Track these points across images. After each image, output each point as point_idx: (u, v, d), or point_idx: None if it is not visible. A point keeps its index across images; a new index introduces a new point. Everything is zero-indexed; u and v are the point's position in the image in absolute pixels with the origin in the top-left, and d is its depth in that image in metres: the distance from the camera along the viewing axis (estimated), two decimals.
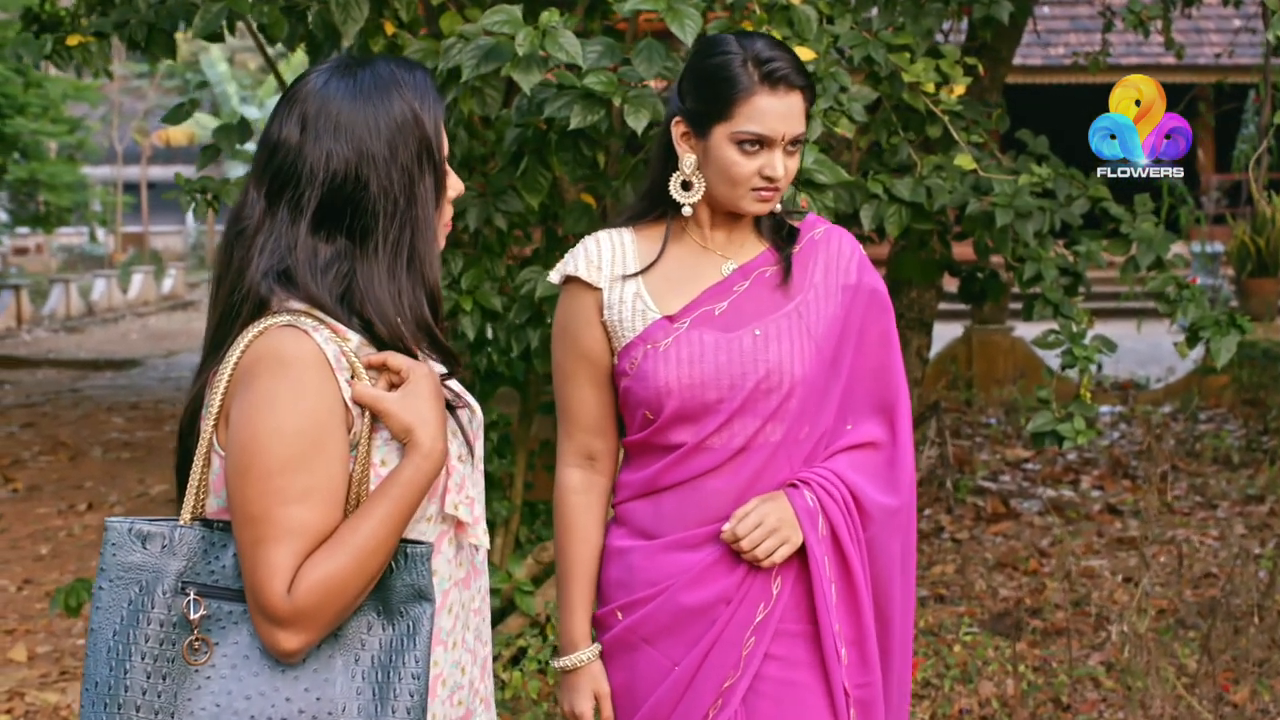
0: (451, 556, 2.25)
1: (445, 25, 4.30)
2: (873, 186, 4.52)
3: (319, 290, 2.14)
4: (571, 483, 2.88)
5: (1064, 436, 4.68)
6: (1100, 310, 16.60)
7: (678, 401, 2.73)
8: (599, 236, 2.86)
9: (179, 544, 2.11)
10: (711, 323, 2.77)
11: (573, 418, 2.88)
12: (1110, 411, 11.54)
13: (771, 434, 2.76)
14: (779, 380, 2.74)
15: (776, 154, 2.73)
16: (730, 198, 2.77)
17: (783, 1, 4.14)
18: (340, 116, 2.17)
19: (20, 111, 25.05)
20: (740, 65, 2.72)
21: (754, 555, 2.72)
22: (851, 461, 2.82)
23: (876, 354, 2.87)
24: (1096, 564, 7.21)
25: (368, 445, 2.11)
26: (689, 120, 2.78)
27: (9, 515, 8.89)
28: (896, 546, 2.86)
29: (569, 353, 2.86)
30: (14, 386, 15.12)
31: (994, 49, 5.93)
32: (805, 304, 2.81)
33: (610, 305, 2.81)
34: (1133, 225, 4.96)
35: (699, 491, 2.77)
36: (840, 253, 2.88)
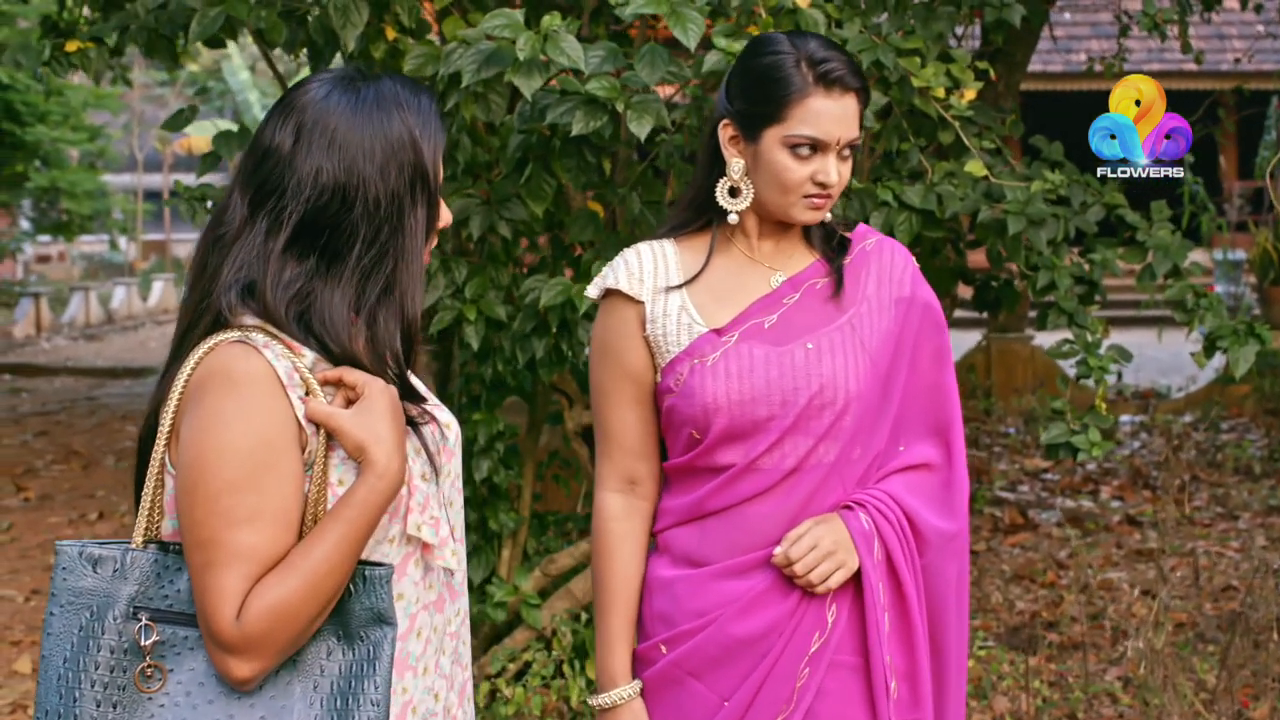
0: (419, 579, 2.16)
1: (447, 30, 4.23)
2: (882, 193, 4.44)
3: (275, 306, 2.06)
4: (611, 509, 2.74)
5: (1079, 448, 4.58)
6: (1120, 318, 16.55)
7: (727, 419, 2.60)
8: (639, 248, 2.74)
9: (131, 568, 2.04)
10: (761, 336, 2.64)
11: (613, 439, 2.74)
12: (1131, 421, 11.43)
13: (825, 454, 2.62)
14: (833, 396, 2.61)
15: (830, 159, 2.61)
16: (780, 205, 2.64)
17: (789, 5, 4.06)
18: (336, 131, 2.09)
19: (41, 119, 25.11)
20: (793, 65, 2.60)
21: (808, 580, 2.58)
22: (906, 483, 2.68)
23: (930, 372, 2.74)
24: (1115, 576, 7.11)
25: (324, 464, 2.04)
26: (738, 123, 2.66)
27: (19, 524, 8.84)
28: (953, 573, 2.72)
29: (609, 370, 2.72)
30: (31, 394, 15.10)
31: (1009, 54, 5.86)
32: (858, 317, 2.68)
33: (653, 319, 2.68)
34: (1149, 233, 4.87)
35: (748, 516, 2.63)
36: (893, 264, 2.76)
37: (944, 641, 2.71)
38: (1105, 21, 20.09)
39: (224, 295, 2.06)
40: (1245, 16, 18.44)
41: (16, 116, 24.59)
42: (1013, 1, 4.73)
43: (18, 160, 25.19)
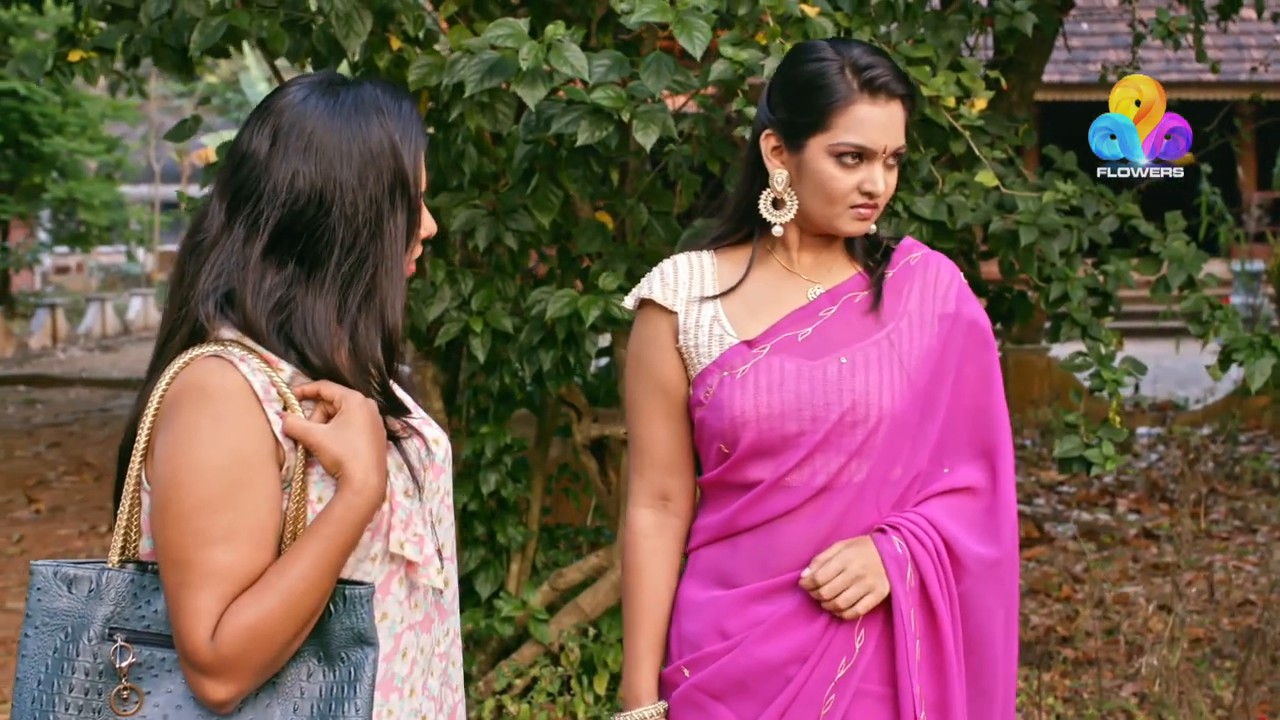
0: (404, 598, 2.11)
1: (453, 39, 4.19)
2: (892, 204, 4.38)
3: (256, 316, 2.01)
4: (643, 525, 2.67)
5: (1092, 463, 4.52)
6: (1137, 330, 16.42)
7: (755, 433, 2.52)
8: (676, 259, 2.68)
9: (106, 588, 1.99)
10: (793, 349, 2.57)
11: (646, 454, 2.68)
12: (1148, 433, 11.36)
13: (855, 473, 2.54)
14: (865, 413, 2.53)
15: (877, 168, 2.53)
16: (826, 216, 2.57)
17: (798, 14, 4.01)
18: (313, 135, 2.04)
19: (59, 131, 25.18)
20: (837, 72, 2.53)
21: (835, 605, 2.50)
22: (946, 507, 2.59)
23: (977, 392, 2.64)
24: (1131, 591, 7.04)
25: (303, 481, 1.99)
26: (780, 132, 2.59)
27: (30, 536, 8.81)
28: (998, 604, 2.61)
29: (642, 383, 2.67)
30: (45, 405, 15.10)
31: (1022, 63, 5.80)
32: (898, 332, 2.60)
33: (686, 330, 2.62)
34: (1164, 244, 4.81)
35: (778, 536, 2.55)
36: (939, 279, 2.67)
37: (990, 675, 2.62)
38: (1122, 31, 20.01)
39: (202, 305, 2.02)
40: (1263, 26, 18.35)
41: (34, 128, 24.66)
42: (1024, 10, 4.67)
43: (35, 172, 25.27)
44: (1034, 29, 5.02)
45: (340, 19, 3.91)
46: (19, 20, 21.00)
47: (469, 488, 5.30)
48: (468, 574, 5.42)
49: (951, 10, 4.86)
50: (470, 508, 5.35)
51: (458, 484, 5.28)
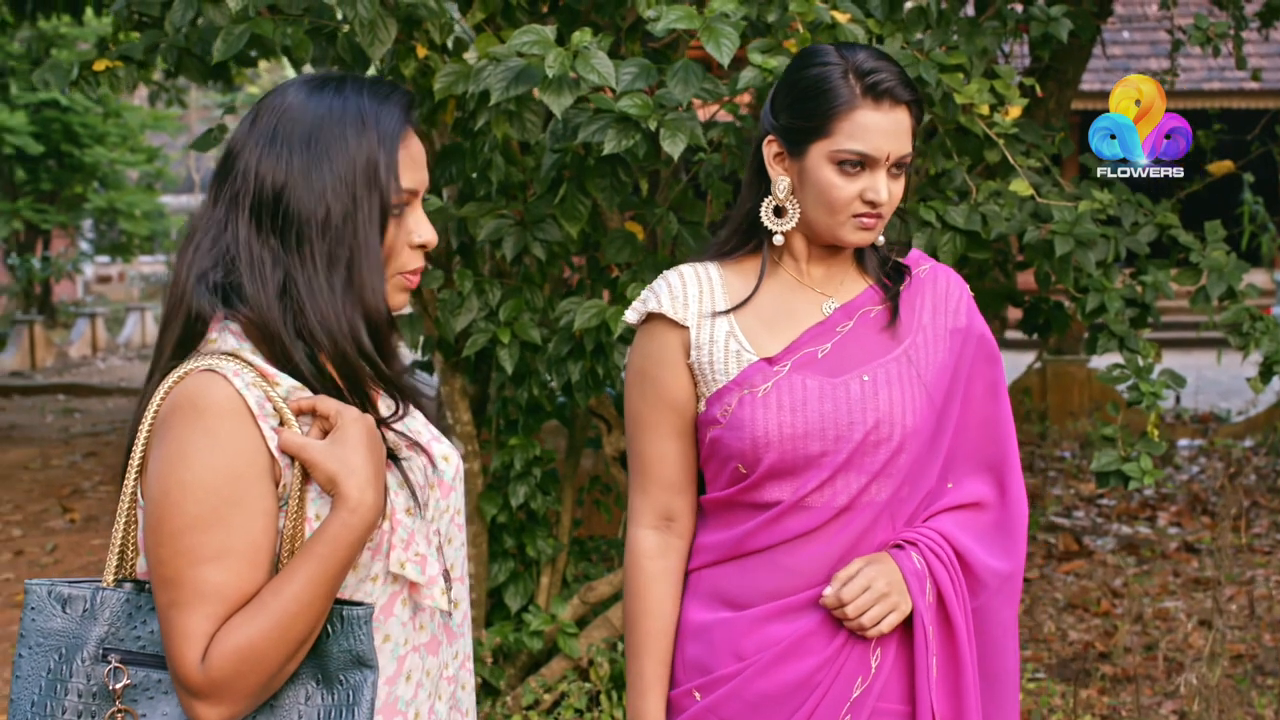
0: (407, 619, 2.04)
1: (480, 47, 4.14)
2: (925, 214, 4.31)
3: (261, 299, 1.97)
4: (646, 547, 2.59)
5: (1130, 477, 4.43)
6: (1179, 340, 16.31)
7: (777, 454, 2.46)
8: (682, 270, 2.60)
9: (101, 607, 1.95)
10: (815, 366, 2.50)
11: (650, 473, 2.59)
12: (1189, 445, 11.22)
13: (878, 493, 2.49)
14: (889, 432, 2.47)
15: (880, 176, 2.46)
16: (828, 226, 2.50)
17: (828, 20, 3.94)
18: (297, 126, 2.01)
19: (100, 141, 25.33)
20: (841, 77, 2.47)
21: (859, 624, 2.44)
22: (957, 521, 2.54)
23: (984, 406, 2.60)
24: (1171, 605, 6.94)
25: (300, 498, 1.93)
26: (783, 139, 2.53)
27: (63, 546, 8.81)
28: (1009, 617, 2.58)
29: (649, 400, 2.58)
30: (83, 415, 15.13)
31: (1059, 71, 5.72)
32: (915, 347, 2.54)
33: (699, 345, 2.54)
34: (1203, 253, 4.72)
35: (793, 556, 2.49)
36: (949, 293, 2.62)
37: (1003, 689, 2.58)
38: (1164, 40, 19.83)
39: (197, 290, 1.99)
40: None
41: (75, 138, 24.81)
42: (1059, 16, 4.59)
43: (77, 182, 25.42)
44: (1071, 36, 4.94)
45: (364, 27, 3.87)
46: (60, 31, 21.12)
47: (498, 500, 5.25)
48: (497, 587, 5.37)
49: (986, 17, 4.79)
50: (500, 520, 5.31)
51: (487, 496, 5.23)
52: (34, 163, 24.76)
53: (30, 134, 23.85)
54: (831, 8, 4.02)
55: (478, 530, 5.24)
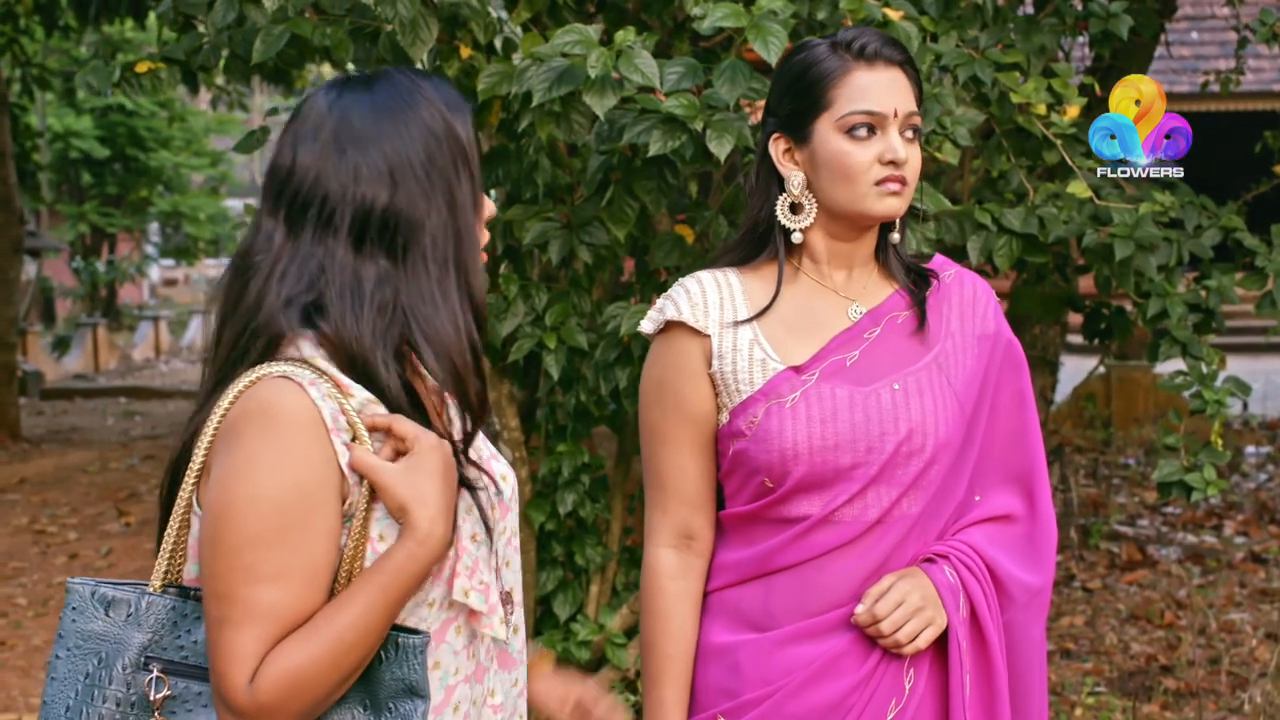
0: (460, 647, 1.94)
1: (524, 47, 4.06)
2: (980, 216, 4.19)
3: (353, 321, 1.87)
4: (666, 566, 2.47)
5: (1193, 487, 4.30)
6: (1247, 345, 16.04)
7: (806, 467, 2.35)
8: (700, 276, 2.49)
9: (145, 613, 1.86)
10: (843, 375, 2.40)
11: (670, 489, 2.48)
12: (1257, 452, 11.01)
13: (910, 507, 2.39)
14: (922, 443, 2.38)
15: (892, 134, 2.37)
16: (850, 200, 2.39)
17: (879, 17, 3.84)
18: (364, 129, 1.92)
19: (164, 145, 25.55)
20: (828, 51, 2.41)
21: (894, 640, 2.34)
22: (987, 535, 2.44)
23: (1013, 416, 2.50)
24: (1237, 618, 6.78)
25: (365, 518, 1.84)
26: (787, 130, 2.44)
27: (118, 550, 8.82)
28: (1037, 633, 2.49)
29: (669, 412, 2.46)
30: (144, 418, 15.21)
31: (1122, 70, 5.57)
32: (944, 354, 2.45)
33: (721, 354, 2.43)
34: (1269, 257, 4.58)
35: (822, 573, 2.38)
36: (976, 299, 2.52)
37: (1029, 709, 2.48)
38: (1232, 40, 19.55)
39: (283, 313, 1.89)
40: None
41: (141, 143, 25.05)
42: (1119, 13, 4.47)
43: (142, 185, 25.65)
44: (1133, 33, 4.81)
45: (405, 26, 3.80)
46: (126, 35, 21.27)
47: (546, 508, 5.17)
48: (545, 596, 5.29)
49: (1045, 14, 4.67)
50: (548, 528, 5.22)
51: (535, 503, 5.16)
52: (100, 167, 25.01)
53: (96, 138, 24.10)
54: (884, 4, 3.92)
55: (525, 538, 5.16)
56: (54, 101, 21.87)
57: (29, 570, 8.45)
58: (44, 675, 5.97)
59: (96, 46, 20.27)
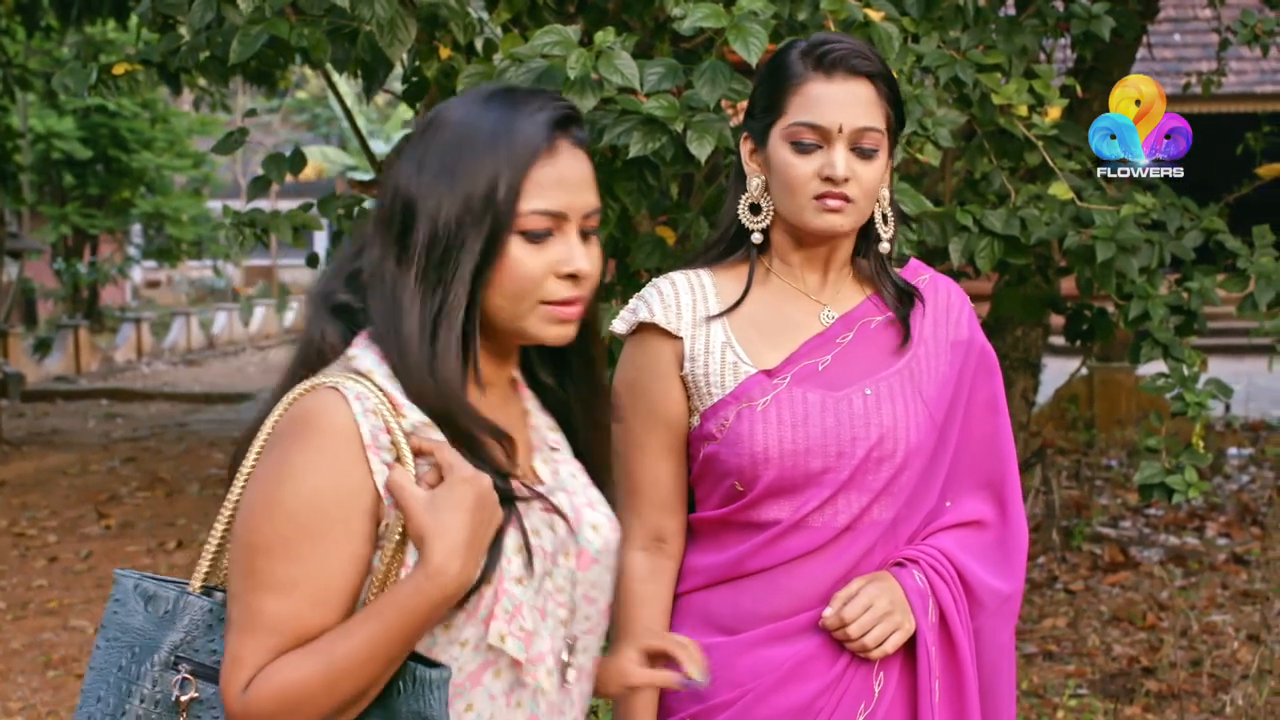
0: (500, 693, 1.86)
1: (505, 47, 4.04)
2: (962, 218, 4.18)
3: (402, 334, 1.83)
4: (637, 569, 2.44)
5: (1174, 489, 4.29)
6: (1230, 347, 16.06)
7: (777, 471, 2.33)
8: (673, 278, 2.46)
9: (181, 612, 1.85)
10: (815, 379, 2.37)
11: (642, 492, 2.45)
12: (1239, 454, 11.02)
13: (880, 513, 2.37)
14: (893, 448, 2.36)
15: (837, 150, 2.33)
16: (791, 211, 2.37)
17: (861, 18, 3.83)
18: (438, 145, 1.87)
19: (147, 146, 25.45)
20: (796, 55, 2.38)
21: (862, 644, 2.32)
22: (957, 540, 2.43)
23: (985, 422, 2.48)
24: (1219, 619, 6.77)
25: (400, 540, 1.79)
26: (752, 133, 2.43)
27: (98, 552, 8.78)
28: (1006, 640, 2.48)
29: (640, 415, 2.43)
30: (125, 419, 15.16)
31: (1104, 71, 5.58)
32: (916, 360, 2.43)
33: (693, 356, 2.40)
34: (1251, 259, 4.57)
35: (792, 577, 2.36)
36: (950, 304, 2.51)
37: (998, 715, 2.47)
38: (1215, 43, 19.58)
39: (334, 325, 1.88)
40: None
41: (123, 143, 24.95)
42: (1101, 14, 4.46)
43: (124, 187, 25.55)
44: (1115, 35, 4.80)
45: (383, 27, 3.77)
46: (108, 36, 21.20)
47: None
48: None
49: (1026, 15, 4.66)
50: None
51: None
52: (82, 168, 24.91)
53: (78, 139, 23.99)
54: (865, 5, 3.91)
55: None
56: (36, 102, 21.77)
57: (8, 573, 8.41)
58: (21, 679, 5.88)
59: (78, 47, 20.22)
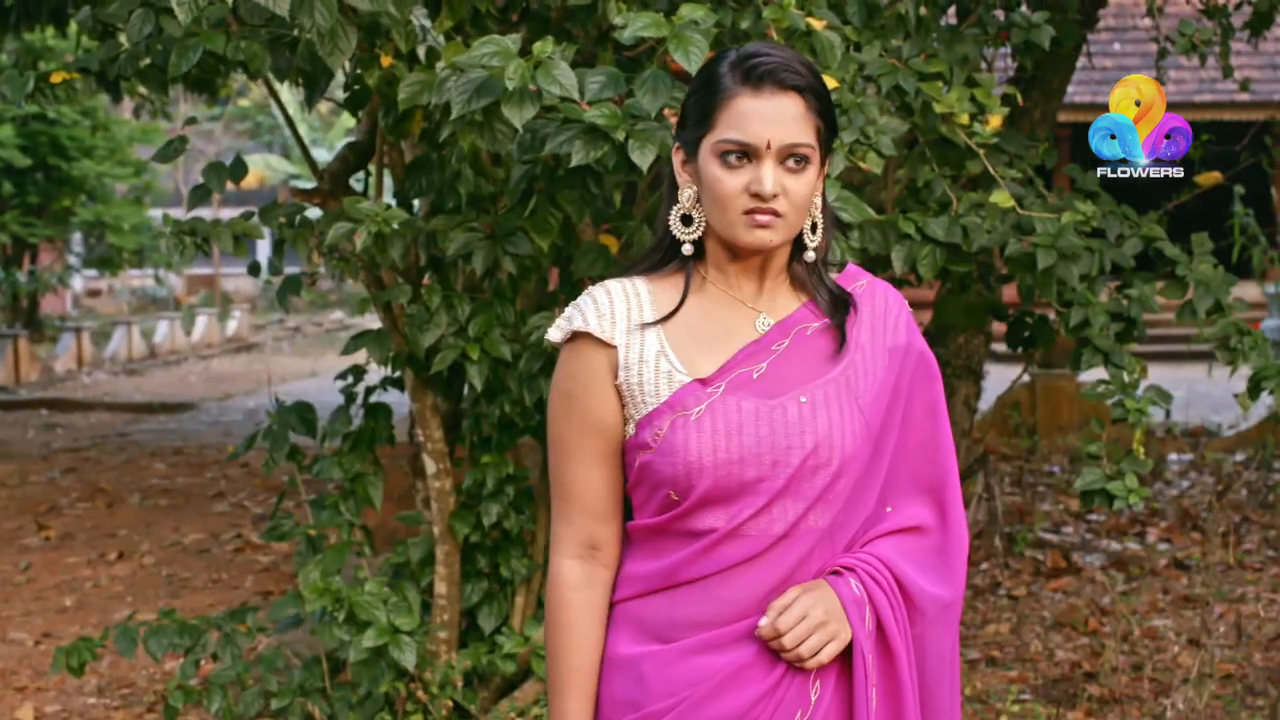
0: None
1: (447, 55, 4.03)
2: (904, 226, 4.20)
3: None
4: (570, 577, 2.44)
5: (1115, 496, 4.33)
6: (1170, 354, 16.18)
7: (711, 480, 2.33)
8: (608, 286, 2.45)
9: None
10: (750, 387, 2.37)
11: (575, 500, 2.44)
12: (1180, 460, 11.10)
13: (816, 520, 2.36)
14: (828, 456, 2.35)
15: (765, 166, 2.32)
16: (722, 225, 2.37)
17: (803, 27, 3.84)
18: None
19: (87, 154, 25.22)
20: (726, 68, 2.36)
21: (797, 654, 2.32)
22: (896, 547, 2.42)
23: (924, 427, 2.48)
24: (1160, 624, 6.81)
25: None
26: (684, 144, 2.43)
27: (37, 564, 8.67)
28: (947, 647, 2.47)
29: (574, 423, 2.43)
30: (65, 430, 15.00)
31: (1044, 80, 5.61)
32: (853, 367, 2.42)
33: (628, 365, 2.39)
34: (1190, 267, 4.61)
35: (728, 586, 2.36)
36: (887, 310, 2.50)
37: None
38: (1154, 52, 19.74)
39: None
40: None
41: (63, 151, 24.71)
42: (1041, 23, 4.49)
43: (64, 195, 25.31)
44: (1054, 44, 4.84)
45: (324, 36, 3.75)
46: (47, 43, 21.02)
47: (471, 519, 5.13)
48: (470, 608, 5.25)
49: (967, 24, 4.68)
50: (473, 540, 5.18)
51: (459, 515, 5.11)
52: (21, 176, 24.65)
53: (17, 147, 23.74)
54: (807, 14, 3.92)
55: (450, 550, 5.12)
56: None
57: None
58: None
59: (17, 54, 20.02)
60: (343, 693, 5.04)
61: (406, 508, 5.72)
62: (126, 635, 5.03)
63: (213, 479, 11.35)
